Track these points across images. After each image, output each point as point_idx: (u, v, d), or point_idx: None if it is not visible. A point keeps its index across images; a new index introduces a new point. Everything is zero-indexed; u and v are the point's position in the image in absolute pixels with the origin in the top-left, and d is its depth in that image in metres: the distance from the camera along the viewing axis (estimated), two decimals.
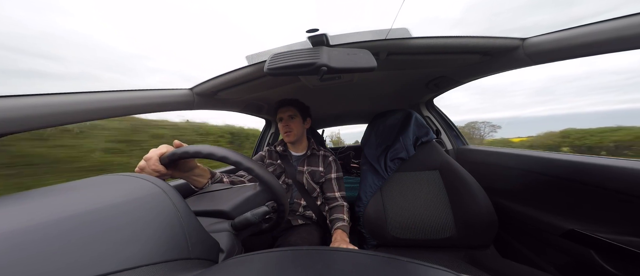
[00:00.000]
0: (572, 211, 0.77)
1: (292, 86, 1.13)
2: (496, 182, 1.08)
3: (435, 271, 0.25)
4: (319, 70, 0.61)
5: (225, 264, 0.29)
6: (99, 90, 0.66)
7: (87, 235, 0.24)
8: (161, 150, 0.55)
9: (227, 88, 0.94)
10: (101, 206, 0.28)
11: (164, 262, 0.27)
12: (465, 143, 1.55)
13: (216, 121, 3.98)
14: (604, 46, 0.57)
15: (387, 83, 1.23)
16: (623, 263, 0.63)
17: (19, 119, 0.51)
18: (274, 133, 1.82)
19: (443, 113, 1.62)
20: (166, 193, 0.34)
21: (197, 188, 0.68)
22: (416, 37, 0.72)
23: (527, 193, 0.94)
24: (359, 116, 2.15)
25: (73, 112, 0.59)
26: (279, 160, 1.13)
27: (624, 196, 0.63)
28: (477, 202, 0.90)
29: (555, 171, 0.82)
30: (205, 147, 0.51)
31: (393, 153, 1.11)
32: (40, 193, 0.30)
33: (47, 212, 0.25)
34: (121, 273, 0.23)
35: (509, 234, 1.01)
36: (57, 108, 0.56)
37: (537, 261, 0.87)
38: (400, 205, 1.04)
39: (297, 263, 0.27)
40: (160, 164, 0.54)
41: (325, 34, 0.66)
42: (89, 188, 0.32)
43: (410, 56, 0.82)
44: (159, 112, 0.82)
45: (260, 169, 0.52)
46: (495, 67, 0.88)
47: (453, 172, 1.00)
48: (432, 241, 0.97)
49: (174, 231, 0.31)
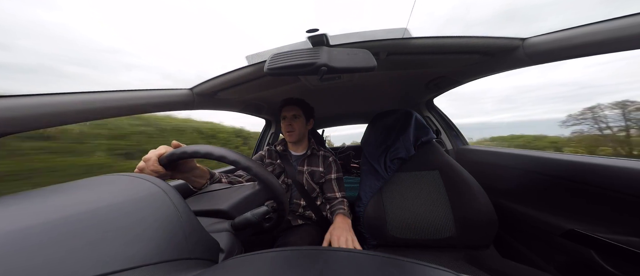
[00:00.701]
0: (572, 211, 0.77)
1: (292, 86, 1.13)
2: (496, 182, 1.08)
3: (435, 271, 0.25)
4: (319, 70, 0.61)
5: (225, 264, 0.29)
6: (99, 90, 0.66)
7: (86, 235, 0.24)
8: (160, 151, 0.55)
9: (227, 88, 0.94)
10: (101, 206, 0.28)
11: (164, 262, 0.27)
12: (465, 142, 1.55)
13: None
14: (604, 46, 0.57)
15: (387, 83, 1.23)
16: (623, 263, 0.63)
17: (18, 119, 0.51)
18: (274, 133, 1.82)
19: (443, 113, 1.62)
20: (166, 193, 0.34)
21: (196, 189, 0.68)
22: (416, 37, 0.71)
23: (527, 193, 0.94)
24: (359, 116, 2.15)
25: (73, 112, 0.59)
26: (278, 160, 1.13)
27: (624, 196, 0.62)
28: (477, 202, 0.90)
29: (555, 171, 0.82)
30: (204, 147, 0.51)
31: (393, 153, 1.11)
32: (40, 193, 0.30)
33: (47, 212, 0.25)
34: (121, 273, 0.23)
35: (509, 234, 1.01)
36: (57, 108, 0.56)
37: (537, 261, 0.87)
38: (400, 205, 1.04)
39: (297, 263, 0.27)
40: (159, 164, 0.54)
41: (325, 34, 0.66)
42: (88, 188, 0.32)
43: (410, 56, 0.82)
44: (159, 112, 0.82)
45: (258, 168, 0.52)
46: (495, 67, 0.88)
47: (453, 172, 1.00)
48: (432, 241, 0.97)
49: (174, 231, 0.31)
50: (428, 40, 0.73)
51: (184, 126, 2.92)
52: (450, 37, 0.73)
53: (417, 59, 0.87)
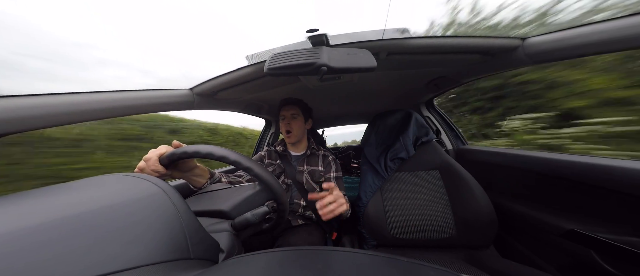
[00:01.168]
0: (572, 211, 0.77)
1: (292, 86, 1.13)
2: (496, 182, 1.08)
3: (435, 271, 0.25)
4: (319, 70, 0.61)
5: (225, 264, 0.29)
6: (98, 90, 0.66)
7: (87, 235, 0.24)
8: (160, 150, 0.55)
9: (227, 88, 0.94)
10: (101, 207, 0.28)
11: (164, 262, 0.27)
12: (465, 142, 1.55)
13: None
14: (604, 46, 0.57)
15: (387, 83, 1.23)
16: (623, 263, 0.63)
17: (18, 119, 0.51)
18: (274, 133, 1.82)
19: (443, 113, 1.62)
20: (166, 193, 0.34)
21: (196, 188, 0.68)
22: (416, 37, 0.72)
23: (527, 193, 0.94)
24: (359, 116, 2.15)
25: (73, 113, 0.59)
26: (278, 160, 1.13)
27: (624, 196, 0.63)
28: (477, 202, 0.90)
29: (555, 171, 0.82)
30: (204, 147, 0.51)
31: (393, 152, 1.11)
32: (40, 193, 0.30)
33: (47, 212, 0.25)
34: (121, 273, 0.23)
35: (509, 234, 1.01)
36: (57, 108, 0.56)
37: (537, 261, 0.87)
38: (400, 205, 1.04)
39: (297, 263, 0.27)
40: (159, 164, 0.54)
41: (325, 34, 0.66)
42: (88, 188, 0.32)
43: (410, 55, 0.82)
44: (159, 112, 0.82)
45: (259, 168, 0.52)
46: (495, 67, 0.88)
47: (453, 172, 1.00)
48: (432, 241, 0.97)
49: (174, 231, 0.31)
50: (428, 41, 0.73)
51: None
52: (450, 37, 0.73)
53: (417, 59, 0.87)
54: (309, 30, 0.64)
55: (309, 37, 0.66)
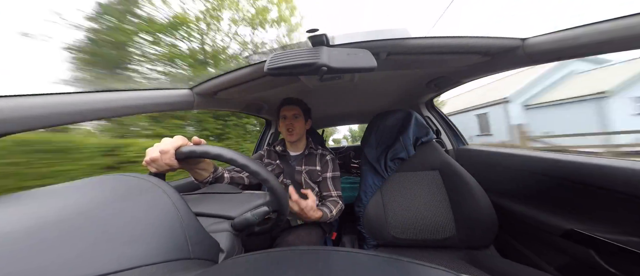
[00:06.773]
0: (572, 211, 0.77)
1: (292, 86, 1.13)
2: (496, 182, 1.08)
3: (435, 271, 0.25)
4: (319, 70, 0.61)
5: (225, 264, 0.29)
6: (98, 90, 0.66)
7: (87, 235, 0.24)
8: (177, 143, 0.53)
9: (227, 88, 0.94)
10: (101, 207, 0.28)
11: (164, 262, 0.27)
12: (465, 143, 1.55)
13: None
14: (604, 46, 0.57)
15: (387, 83, 1.23)
16: (623, 263, 0.63)
17: (18, 119, 0.51)
18: (274, 133, 1.82)
19: (443, 113, 1.62)
20: (166, 193, 0.34)
21: (199, 181, 0.68)
22: (416, 37, 0.71)
23: (527, 193, 0.94)
24: (359, 116, 2.15)
25: (73, 113, 0.59)
26: (277, 160, 1.13)
27: (624, 196, 0.62)
28: (477, 202, 0.90)
29: (555, 171, 0.82)
30: (227, 151, 0.50)
31: (393, 153, 1.11)
32: (40, 193, 0.30)
33: (47, 213, 0.25)
34: (121, 273, 0.23)
35: (509, 234, 1.01)
36: (56, 108, 0.56)
37: (537, 261, 0.87)
38: (400, 205, 1.04)
39: (296, 263, 0.27)
40: (175, 159, 0.51)
41: (325, 34, 0.66)
42: (89, 188, 0.32)
43: (410, 56, 0.82)
44: (159, 112, 0.82)
45: (266, 172, 0.52)
46: (495, 67, 0.87)
47: (453, 172, 1.00)
48: (432, 241, 0.97)
49: (174, 231, 0.31)
50: (428, 41, 0.73)
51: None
52: (450, 37, 0.73)
53: (417, 59, 0.87)
54: (309, 30, 0.64)
55: (309, 37, 0.66)
